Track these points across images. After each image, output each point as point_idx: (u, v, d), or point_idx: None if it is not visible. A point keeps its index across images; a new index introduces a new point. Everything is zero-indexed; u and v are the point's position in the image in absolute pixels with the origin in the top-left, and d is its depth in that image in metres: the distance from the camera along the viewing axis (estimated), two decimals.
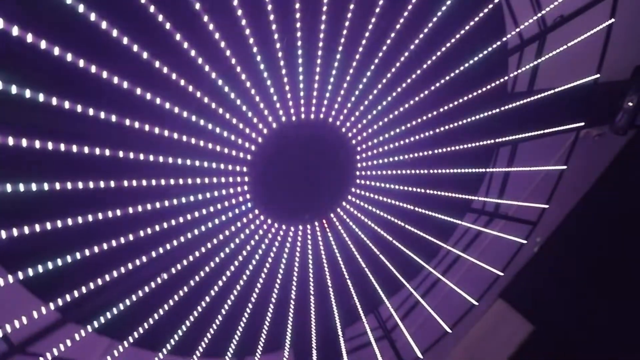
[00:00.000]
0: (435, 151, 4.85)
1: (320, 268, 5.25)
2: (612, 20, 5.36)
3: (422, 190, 4.98)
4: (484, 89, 4.99)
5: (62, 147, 3.26)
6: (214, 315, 4.66)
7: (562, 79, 5.49)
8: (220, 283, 4.66)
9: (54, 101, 2.99)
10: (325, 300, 5.36)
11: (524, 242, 7.08)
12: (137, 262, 4.02)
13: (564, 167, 6.52)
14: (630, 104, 5.94)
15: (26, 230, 3.23)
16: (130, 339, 4.46)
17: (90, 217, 3.60)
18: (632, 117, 5.94)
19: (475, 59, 4.75)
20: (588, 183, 9.63)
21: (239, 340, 4.97)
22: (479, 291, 7.75)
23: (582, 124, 5.98)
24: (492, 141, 5.14)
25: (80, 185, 3.44)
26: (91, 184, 3.51)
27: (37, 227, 3.29)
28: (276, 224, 4.66)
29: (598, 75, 5.82)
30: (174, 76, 3.58)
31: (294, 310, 5.12)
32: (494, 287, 8.69)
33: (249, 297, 4.93)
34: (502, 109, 4.98)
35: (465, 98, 4.71)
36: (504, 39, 5.07)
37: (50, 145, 3.18)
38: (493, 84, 4.95)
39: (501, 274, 7.24)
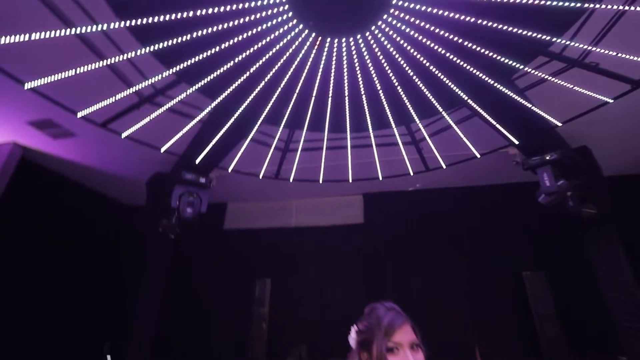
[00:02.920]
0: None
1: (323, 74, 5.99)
2: (611, 101, 6.10)
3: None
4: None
5: None
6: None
7: (546, 104, 6.37)
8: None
9: None
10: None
11: (411, 174, 9.24)
12: None
13: (478, 156, 8.21)
14: (547, 157, 7.25)
15: None
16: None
17: None
18: (538, 165, 7.36)
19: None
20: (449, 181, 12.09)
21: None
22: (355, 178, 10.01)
23: (517, 143, 7.36)
24: (464, 95, 6.01)
25: None
26: None
27: None
28: (301, 26, 4.86)
29: (560, 124, 6.98)
30: None
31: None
32: (368, 186, 11.41)
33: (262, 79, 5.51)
34: (493, 83, 5.70)
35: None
36: (555, 39, 5.35)
37: None
38: (511, 63, 5.51)
39: (380, 179, 9.52)
